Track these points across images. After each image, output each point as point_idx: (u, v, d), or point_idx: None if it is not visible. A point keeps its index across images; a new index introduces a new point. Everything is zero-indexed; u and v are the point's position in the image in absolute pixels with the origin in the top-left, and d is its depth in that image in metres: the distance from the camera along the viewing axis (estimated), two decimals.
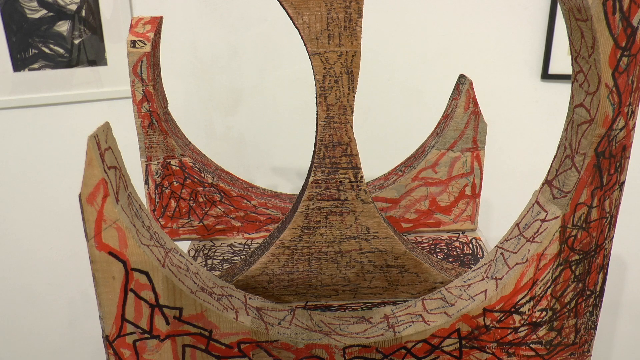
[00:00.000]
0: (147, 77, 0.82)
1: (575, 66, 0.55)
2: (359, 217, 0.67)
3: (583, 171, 0.57)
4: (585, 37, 0.52)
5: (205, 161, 0.93)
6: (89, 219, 0.53)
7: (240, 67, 1.46)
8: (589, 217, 0.60)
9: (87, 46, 1.40)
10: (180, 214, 0.91)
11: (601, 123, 0.55)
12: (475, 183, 0.92)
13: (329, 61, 0.59)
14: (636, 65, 0.52)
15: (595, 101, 0.54)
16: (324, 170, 0.63)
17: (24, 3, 1.34)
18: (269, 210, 0.92)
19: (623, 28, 0.50)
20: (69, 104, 1.43)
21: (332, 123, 0.61)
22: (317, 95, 0.60)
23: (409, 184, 0.91)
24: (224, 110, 1.50)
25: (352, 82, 0.60)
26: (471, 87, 0.86)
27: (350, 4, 0.58)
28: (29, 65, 1.38)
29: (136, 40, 0.81)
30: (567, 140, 0.60)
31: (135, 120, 0.85)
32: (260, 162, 1.54)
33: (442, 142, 0.89)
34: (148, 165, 0.88)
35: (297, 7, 0.58)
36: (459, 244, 0.93)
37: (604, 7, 0.49)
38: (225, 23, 1.42)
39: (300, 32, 0.59)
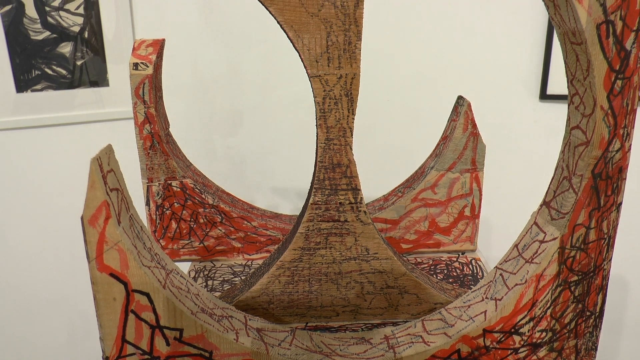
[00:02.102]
0: (149, 99, 0.83)
1: (571, 89, 0.56)
2: (359, 238, 0.67)
3: (580, 193, 0.58)
4: (580, 60, 0.53)
5: (206, 182, 0.94)
6: (90, 240, 0.53)
7: (240, 87, 1.47)
8: (587, 238, 0.61)
9: (89, 67, 1.42)
10: (180, 235, 0.91)
11: (597, 145, 0.55)
12: (474, 204, 0.93)
13: (329, 83, 0.60)
14: (630, 87, 0.53)
15: (591, 123, 0.54)
16: (324, 191, 0.64)
17: (28, 25, 1.35)
18: (269, 231, 0.92)
19: (617, 51, 0.51)
20: (71, 124, 1.44)
21: (332, 145, 0.62)
22: (317, 117, 0.61)
23: (409, 205, 0.92)
24: (224, 131, 1.51)
25: (351, 104, 0.61)
26: (469, 109, 0.87)
27: (349, 27, 0.59)
28: (32, 87, 1.39)
29: (138, 62, 0.82)
30: (564, 161, 0.60)
31: (137, 141, 0.86)
32: (261, 182, 1.55)
33: (441, 163, 0.89)
34: (149, 186, 0.88)
35: (297, 30, 0.59)
36: (458, 265, 0.93)
37: (598, 31, 0.50)
38: (226, 44, 1.44)
39: (300, 55, 0.60)
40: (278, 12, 0.58)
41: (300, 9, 0.58)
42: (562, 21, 0.53)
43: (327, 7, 0.58)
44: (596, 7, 0.50)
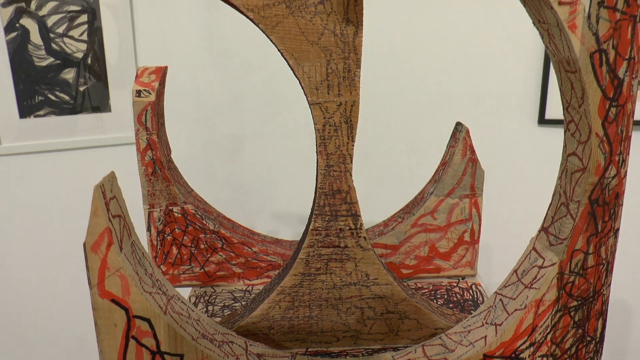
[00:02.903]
0: (151, 126, 0.84)
1: (566, 116, 0.57)
2: (359, 264, 0.67)
3: (578, 218, 0.58)
4: (575, 88, 0.54)
5: (207, 208, 0.94)
6: (92, 266, 0.53)
7: (241, 113, 1.49)
8: (585, 264, 0.61)
9: (91, 93, 1.43)
10: (181, 261, 0.92)
11: (594, 171, 0.56)
12: (474, 229, 0.93)
13: (329, 111, 0.61)
14: (624, 115, 0.54)
15: (587, 150, 0.55)
16: (324, 217, 0.64)
17: (32, 51, 1.37)
18: (269, 256, 0.93)
19: (610, 80, 0.52)
20: (73, 150, 1.45)
21: (332, 171, 0.62)
22: (317, 144, 0.62)
23: (409, 230, 0.92)
24: (225, 156, 1.52)
25: (351, 131, 0.62)
26: (468, 135, 0.88)
27: (349, 55, 0.60)
28: (35, 112, 1.41)
29: (141, 89, 0.84)
30: (561, 187, 0.61)
31: (139, 168, 0.86)
32: (261, 207, 1.56)
33: (441, 189, 0.90)
34: (150, 212, 0.89)
35: (297, 58, 0.60)
36: (459, 290, 0.93)
37: (592, 60, 0.52)
38: (227, 70, 1.46)
39: (300, 82, 0.61)
40: (279, 41, 0.60)
41: (301, 37, 0.60)
42: (556, 50, 0.54)
43: (327, 36, 0.60)
44: (589, 37, 0.51)
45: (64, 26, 1.38)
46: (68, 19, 1.38)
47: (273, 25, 0.59)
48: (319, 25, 0.59)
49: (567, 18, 0.50)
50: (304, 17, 0.59)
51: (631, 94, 0.53)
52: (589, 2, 0.50)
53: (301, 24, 0.59)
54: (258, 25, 0.60)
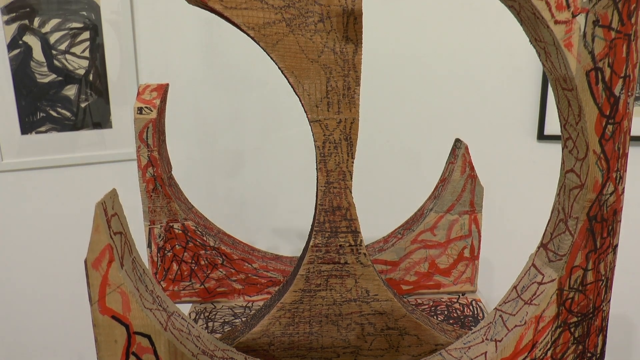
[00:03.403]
0: (152, 143, 0.85)
1: (564, 133, 0.58)
2: (359, 280, 0.67)
3: (577, 235, 0.59)
4: (572, 105, 0.54)
5: (207, 224, 0.95)
6: (93, 283, 0.54)
7: (242, 129, 1.49)
8: (585, 280, 0.61)
9: (92, 109, 1.44)
10: (181, 277, 0.92)
11: (591, 188, 0.56)
12: (473, 245, 0.93)
13: (329, 128, 0.62)
14: (621, 132, 0.54)
15: (585, 167, 0.56)
16: (324, 234, 0.65)
17: (34, 68, 1.38)
18: (270, 273, 0.93)
19: (606, 97, 0.53)
20: (74, 166, 1.46)
21: (332, 188, 0.63)
22: (317, 161, 0.62)
23: (408, 246, 0.92)
24: (225, 172, 1.52)
25: (351, 148, 0.62)
26: (467, 151, 0.89)
27: (348, 72, 0.61)
28: (36, 129, 1.42)
29: (143, 106, 0.84)
30: (560, 204, 0.61)
31: (140, 184, 0.87)
32: (261, 223, 1.56)
33: (440, 205, 0.90)
34: (151, 229, 0.89)
35: (297, 75, 0.61)
36: (459, 306, 0.93)
37: (588, 78, 0.52)
38: (227, 86, 1.47)
39: (300, 100, 0.62)
40: (279, 59, 0.60)
41: (301, 55, 0.60)
42: (553, 68, 0.55)
43: (327, 54, 0.60)
44: (585, 55, 0.52)
45: (66, 43, 1.39)
46: (70, 35, 1.39)
47: (273, 43, 0.60)
48: (318, 43, 0.60)
49: (563, 37, 0.51)
50: (304, 35, 0.60)
51: (627, 112, 0.54)
52: (584, 21, 0.51)
53: (301, 42, 0.60)
54: (259, 43, 0.61)
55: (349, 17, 0.60)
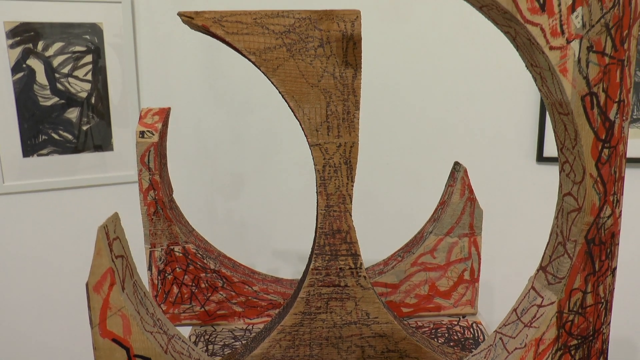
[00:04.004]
0: (154, 166, 0.86)
1: (561, 157, 0.58)
2: (359, 303, 0.68)
3: (575, 258, 0.59)
4: (568, 129, 0.55)
5: (207, 247, 0.95)
6: (94, 306, 0.54)
7: (242, 151, 1.50)
8: (584, 303, 0.61)
9: (94, 132, 1.45)
10: (182, 300, 0.92)
11: (589, 211, 0.57)
12: (473, 268, 0.93)
13: (329, 152, 0.62)
14: (617, 156, 0.55)
15: (582, 190, 0.56)
16: (325, 257, 0.65)
17: (38, 91, 1.40)
18: (270, 295, 0.93)
19: (602, 122, 0.54)
20: (75, 188, 1.46)
21: (332, 212, 0.63)
22: (317, 185, 0.63)
23: (408, 269, 0.93)
24: (225, 194, 1.53)
25: (350, 171, 0.63)
26: (466, 175, 0.89)
27: (348, 97, 0.62)
28: (38, 151, 1.42)
29: (145, 130, 0.85)
30: (558, 227, 0.62)
31: (141, 208, 0.87)
32: (261, 245, 1.56)
33: (440, 228, 0.91)
34: (152, 251, 0.89)
35: (298, 100, 0.62)
36: (459, 329, 0.93)
37: (583, 103, 0.53)
38: (228, 109, 1.48)
39: (301, 124, 0.63)
40: (280, 83, 0.62)
41: (301, 80, 0.61)
42: (549, 93, 0.55)
43: (327, 78, 0.61)
44: (580, 80, 0.52)
45: (69, 66, 1.41)
46: (73, 59, 1.41)
47: (274, 68, 0.61)
48: (318, 68, 0.61)
49: (558, 62, 0.52)
50: (304, 60, 0.61)
51: (622, 136, 0.55)
52: (578, 47, 0.52)
53: (301, 66, 0.61)
54: (260, 68, 0.62)
55: (349, 42, 0.61)
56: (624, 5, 0.51)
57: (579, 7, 0.51)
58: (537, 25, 0.51)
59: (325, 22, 0.61)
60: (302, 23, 0.61)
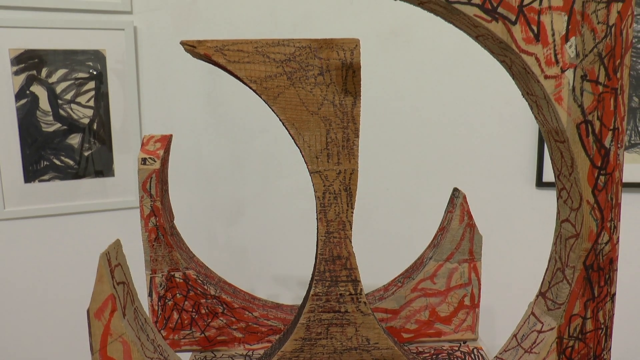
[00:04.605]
0: (155, 193, 0.86)
1: (558, 183, 0.59)
2: (360, 329, 0.68)
3: (574, 284, 0.59)
4: (565, 157, 0.56)
5: (208, 273, 0.95)
6: (95, 332, 0.54)
7: (242, 177, 1.51)
8: (584, 328, 0.61)
9: (95, 157, 1.46)
10: (182, 326, 0.92)
11: (587, 237, 0.57)
12: (474, 293, 0.94)
13: (329, 179, 0.63)
14: (613, 183, 0.56)
15: (579, 217, 0.57)
16: (325, 283, 0.65)
17: (40, 117, 1.41)
18: (270, 321, 0.93)
19: (597, 149, 0.55)
20: (76, 214, 1.47)
21: (332, 238, 0.64)
22: (317, 211, 0.64)
23: (409, 294, 0.93)
24: (226, 220, 1.53)
25: (350, 198, 0.63)
26: (465, 201, 0.90)
27: (347, 124, 0.63)
28: (40, 177, 1.43)
29: (147, 157, 0.86)
30: (557, 253, 0.62)
31: (142, 234, 0.88)
32: (262, 271, 1.56)
33: (440, 254, 0.91)
34: (152, 277, 0.90)
35: (298, 127, 0.63)
36: (460, 354, 0.92)
37: (578, 130, 0.54)
38: (229, 135, 1.49)
39: (301, 151, 0.63)
40: (280, 111, 0.62)
41: (301, 108, 0.62)
42: (545, 120, 0.56)
43: (327, 106, 0.62)
44: (575, 108, 0.53)
45: (72, 93, 1.43)
46: (76, 85, 1.43)
47: (275, 96, 0.62)
48: (318, 96, 0.62)
49: (553, 91, 0.53)
50: (305, 88, 0.62)
51: (618, 163, 0.55)
52: (572, 76, 0.53)
53: (302, 94, 0.62)
54: (261, 96, 0.63)
55: (348, 71, 0.62)
56: (616, 35, 0.52)
57: (572, 37, 0.52)
58: (532, 55, 0.52)
59: (325, 51, 0.62)
60: (303, 52, 0.62)
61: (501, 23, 0.52)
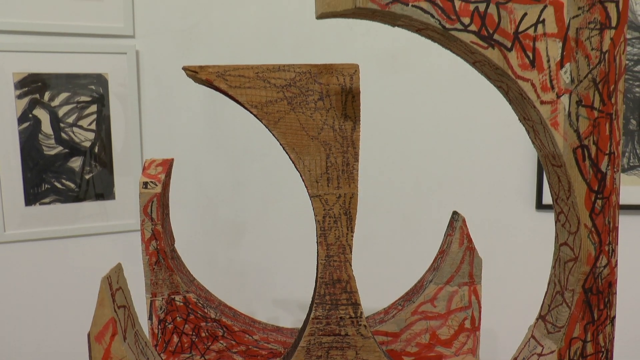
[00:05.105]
0: (156, 217, 0.87)
1: (556, 207, 0.60)
2: (360, 352, 0.68)
3: (573, 307, 0.59)
4: (562, 181, 0.56)
5: (208, 297, 0.95)
6: (96, 356, 0.54)
7: (243, 200, 1.51)
8: (584, 352, 0.61)
9: (96, 181, 1.47)
10: (182, 349, 0.91)
11: (585, 261, 0.58)
12: (474, 316, 0.93)
13: (329, 203, 0.63)
14: (610, 207, 0.56)
15: (578, 240, 0.57)
16: (325, 306, 0.65)
17: (42, 141, 1.42)
18: (270, 344, 0.92)
19: (594, 173, 0.55)
20: (75, 237, 1.47)
21: (332, 261, 0.64)
22: (317, 235, 0.64)
23: (409, 317, 0.93)
24: (226, 243, 1.53)
25: (350, 222, 0.64)
26: (464, 224, 0.90)
27: (347, 149, 0.64)
28: (40, 200, 1.44)
29: (148, 181, 0.87)
30: (556, 276, 0.62)
31: (143, 257, 0.88)
32: (262, 294, 1.55)
33: (440, 277, 0.91)
34: (152, 301, 0.90)
35: (298, 152, 0.63)
36: None
37: (575, 155, 0.55)
38: (229, 157, 1.50)
39: (301, 175, 0.64)
40: (281, 135, 0.63)
41: (302, 132, 0.63)
42: (542, 145, 0.57)
43: (327, 131, 0.63)
44: (571, 133, 0.54)
45: (74, 116, 1.44)
46: (78, 108, 1.44)
47: (275, 120, 0.63)
48: (318, 121, 0.63)
49: (549, 116, 0.54)
50: (305, 113, 0.63)
51: (614, 187, 0.56)
52: (568, 101, 0.54)
53: (302, 119, 0.63)
54: (261, 121, 0.64)
55: (348, 95, 0.63)
56: (609, 62, 0.53)
57: (567, 63, 0.53)
58: (527, 81, 0.53)
59: (325, 76, 0.63)
60: (303, 77, 0.63)
61: (497, 50, 0.53)
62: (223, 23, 1.47)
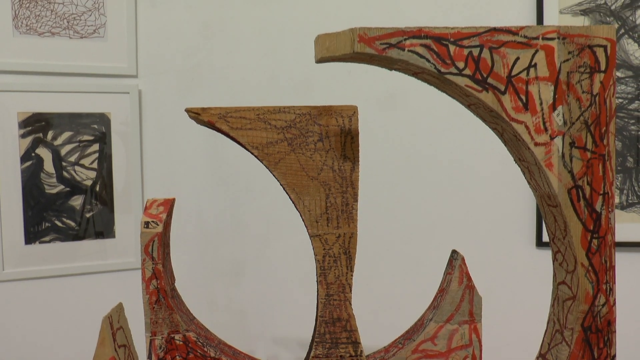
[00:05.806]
0: (157, 256, 0.87)
1: (553, 247, 0.60)
2: None
3: (573, 345, 0.60)
4: (558, 221, 0.57)
5: (208, 335, 0.95)
6: None
7: (243, 239, 1.52)
8: None
9: (96, 219, 1.47)
10: None
11: (583, 299, 0.58)
12: (475, 354, 0.93)
13: (328, 242, 0.64)
14: (606, 246, 0.57)
15: (575, 279, 0.58)
16: (325, 345, 0.66)
17: (44, 179, 1.43)
18: None
19: (589, 213, 0.56)
20: (75, 275, 1.46)
21: (332, 300, 0.64)
22: (317, 274, 0.65)
23: (409, 356, 0.92)
24: (226, 282, 1.53)
25: (350, 261, 0.64)
26: (463, 263, 0.91)
27: (346, 189, 0.65)
28: (40, 238, 1.44)
29: (150, 221, 0.87)
30: (555, 315, 0.63)
31: (143, 296, 0.88)
32: (261, 332, 1.54)
33: (440, 315, 0.91)
34: (152, 340, 0.89)
35: (298, 192, 0.64)
36: None
37: (570, 195, 0.56)
38: (229, 196, 1.51)
39: (301, 215, 0.65)
40: (281, 176, 0.64)
41: (301, 173, 0.64)
42: (537, 186, 0.58)
43: (326, 171, 0.64)
44: (565, 174, 0.55)
45: (76, 155, 1.45)
46: (80, 147, 1.45)
47: (276, 161, 0.64)
48: (318, 162, 0.64)
49: (543, 157, 0.55)
50: (305, 154, 0.64)
51: (610, 226, 0.57)
52: (561, 143, 0.55)
53: (302, 160, 0.64)
54: (262, 162, 0.65)
55: (347, 137, 0.65)
56: (600, 104, 0.54)
57: (559, 106, 0.54)
58: (521, 123, 0.54)
59: (324, 117, 0.64)
60: (303, 118, 0.64)
61: (491, 93, 0.54)
62: (224, 64, 1.50)
